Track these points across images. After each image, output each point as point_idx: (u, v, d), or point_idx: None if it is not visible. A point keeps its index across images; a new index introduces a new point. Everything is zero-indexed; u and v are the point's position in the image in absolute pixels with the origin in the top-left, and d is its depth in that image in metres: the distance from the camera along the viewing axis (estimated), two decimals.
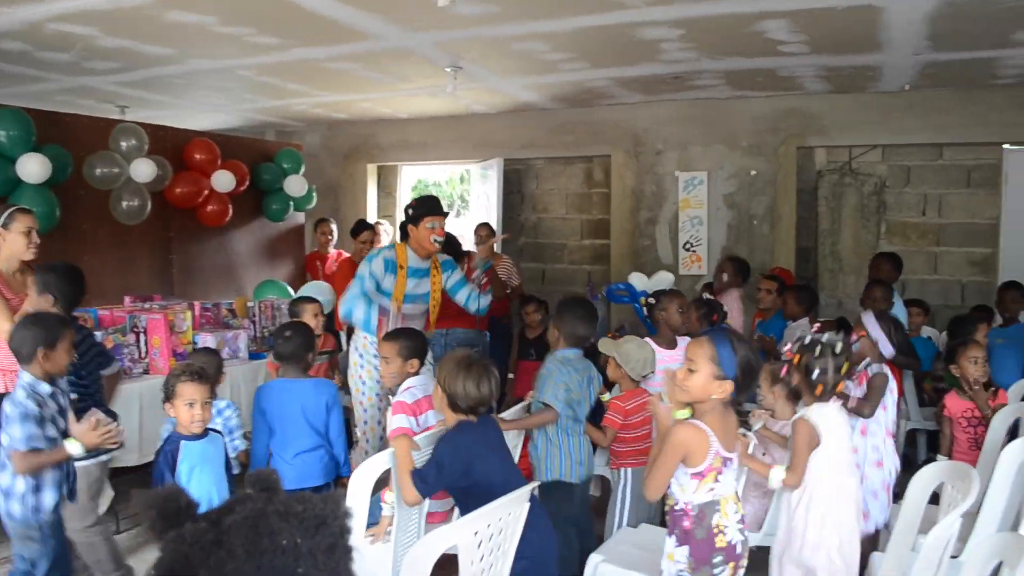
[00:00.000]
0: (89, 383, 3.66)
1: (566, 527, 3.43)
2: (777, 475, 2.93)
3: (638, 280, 6.48)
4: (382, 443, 4.29)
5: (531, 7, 4.54)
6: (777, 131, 7.27)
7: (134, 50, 5.43)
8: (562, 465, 3.54)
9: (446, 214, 4.46)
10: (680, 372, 2.52)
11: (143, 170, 6.05)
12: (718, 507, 2.49)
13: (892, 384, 3.75)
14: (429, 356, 3.97)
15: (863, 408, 3.65)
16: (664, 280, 6.39)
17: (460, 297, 4.59)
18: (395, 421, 3.47)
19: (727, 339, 2.49)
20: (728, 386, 2.46)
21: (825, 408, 2.97)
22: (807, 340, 3.05)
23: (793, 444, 2.97)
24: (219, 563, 0.96)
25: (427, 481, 2.82)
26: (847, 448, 3.03)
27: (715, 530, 2.48)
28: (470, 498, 2.80)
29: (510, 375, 6.16)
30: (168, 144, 6.64)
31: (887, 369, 3.78)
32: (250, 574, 0.96)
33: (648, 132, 7.69)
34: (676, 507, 2.52)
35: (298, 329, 3.93)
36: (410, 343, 3.62)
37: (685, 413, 2.51)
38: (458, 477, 2.82)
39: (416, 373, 3.62)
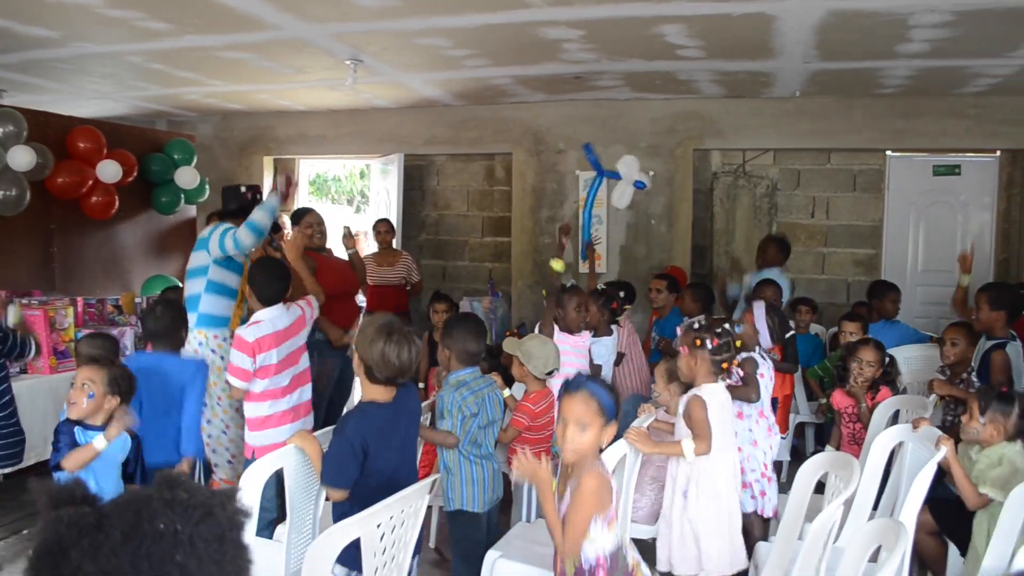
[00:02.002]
0: None
1: (475, 556, 3.26)
2: (688, 446, 3.16)
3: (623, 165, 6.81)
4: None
5: (433, 2, 4.50)
6: (674, 133, 7.42)
7: (12, 31, 5.12)
8: (463, 493, 3.36)
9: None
10: (569, 434, 2.37)
11: (21, 158, 5.73)
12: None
13: (763, 368, 3.93)
14: None
15: (748, 394, 3.79)
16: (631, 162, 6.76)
17: None
18: (232, 358, 3.54)
19: (598, 384, 2.46)
20: (613, 426, 2.44)
21: (715, 386, 3.30)
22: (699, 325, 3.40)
23: (694, 418, 3.20)
24: (94, 545, 0.93)
25: (349, 472, 2.70)
26: (730, 425, 3.38)
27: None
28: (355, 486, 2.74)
29: (420, 384, 5.71)
30: (50, 131, 6.32)
31: (755, 355, 3.94)
32: (125, 558, 0.93)
33: (550, 131, 7.74)
34: (585, 563, 2.34)
35: (168, 306, 3.89)
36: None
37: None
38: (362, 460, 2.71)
39: None
